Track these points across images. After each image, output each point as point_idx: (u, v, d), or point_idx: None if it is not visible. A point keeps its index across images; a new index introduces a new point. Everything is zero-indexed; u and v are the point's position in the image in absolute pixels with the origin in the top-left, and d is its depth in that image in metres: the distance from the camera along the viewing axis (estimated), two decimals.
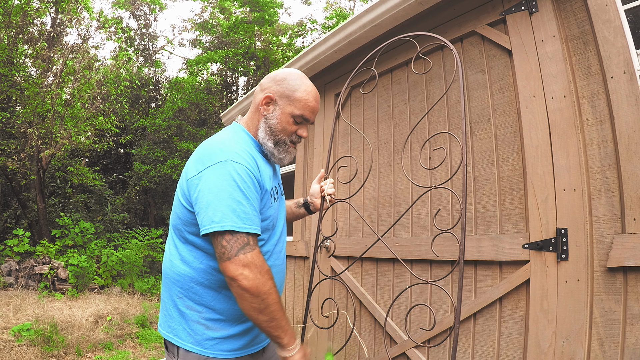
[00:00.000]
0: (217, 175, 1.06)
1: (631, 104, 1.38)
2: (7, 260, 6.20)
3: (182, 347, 1.15)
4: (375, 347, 2.23)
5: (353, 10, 14.26)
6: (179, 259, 1.18)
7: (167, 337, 1.19)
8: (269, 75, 1.30)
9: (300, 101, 1.23)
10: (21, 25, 6.89)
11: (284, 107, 1.23)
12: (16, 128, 7.52)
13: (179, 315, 1.17)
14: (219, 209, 1.03)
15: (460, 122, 1.99)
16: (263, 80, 1.30)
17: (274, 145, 1.25)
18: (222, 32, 12.64)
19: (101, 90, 8.24)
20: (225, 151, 1.10)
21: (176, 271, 1.18)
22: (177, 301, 1.18)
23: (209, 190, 1.05)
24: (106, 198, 9.93)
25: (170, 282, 1.21)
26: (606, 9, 1.48)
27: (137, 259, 7.24)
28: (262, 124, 1.25)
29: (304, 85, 1.25)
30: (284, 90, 1.23)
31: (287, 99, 1.23)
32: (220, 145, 1.13)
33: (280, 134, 1.24)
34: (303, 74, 1.28)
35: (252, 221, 1.06)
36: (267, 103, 1.24)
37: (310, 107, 1.25)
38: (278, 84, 1.25)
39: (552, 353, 1.47)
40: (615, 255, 1.35)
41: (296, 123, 1.25)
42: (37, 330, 3.83)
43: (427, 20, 2.19)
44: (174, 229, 1.22)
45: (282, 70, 1.29)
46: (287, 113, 1.23)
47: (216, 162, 1.08)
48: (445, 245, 1.89)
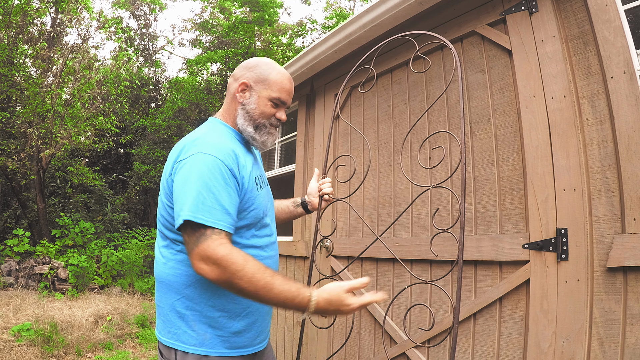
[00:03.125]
0: (186, 168, 1.07)
1: (631, 104, 1.38)
2: (7, 260, 6.20)
3: (183, 349, 1.13)
4: (375, 347, 2.23)
5: (353, 10, 14.26)
6: (170, 262, 1.17)
7: (167, 344, 1.17)
8: (240, 65, 1.33)
9: (276, 83, 1.25)
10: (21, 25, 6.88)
11: (260, 92, 1.25)
12: (16, 128, 7.52)
13: (179, 319, 1.16)
14: (184, 202, 1.03)
15: (460, 122, 1.99)
16: (235, 71, 1.32)
17: (255, 130, 1.26)
18: (222, 32, 12.64)
19: (101, 90, 8.24)
20: (198, 144, 1.11)
21: (169, 274, 1.17)
22: (175, 304, 1.17)
23: (179, 185, 1.07)
24: (106, 198, 9.93)
25: (164, 287, 1.19)
26: (606, 9, 1.48)
27: (137, 259, 7.24)
28: (240, 111, 1.26)
29: (277, 69, 1.27)
30: (258, 75, 1.25)
31: (262, 83, 1.25)
32: (193, 140, 1.14)
33: (260, 118, 1.25)
34: (273, 61, 1.31)
35: (211, 214, 1.03)
36: (243, 90, 1.26)
37: (286, 89, 1.27)
38: (251, 70, 1.27)
39: (552, 353, 1.47)
40: (615, 255, 1.35)
41: (275, 106, 1.27)
42: (37, 330, 3.83)
43: (427, 20, 2.19)
44: (160, 232, 1.22)
45: (252, 59, 1.32)
46: (264, 97, 1.25)
47: (188, 156, 1.09)
48: (445, 245, 1.89)
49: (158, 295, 1.23)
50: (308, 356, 2.70)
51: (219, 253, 1.00)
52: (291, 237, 3.18)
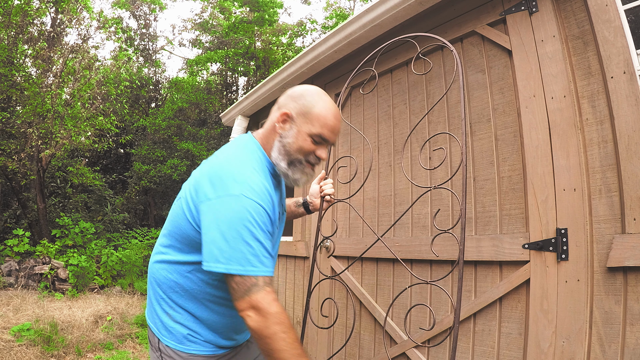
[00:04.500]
0: (228, 210, 1.00)
1: (631, 104, 1.38)
2: (7, 260, 6.20)
3: (164, 342, 1.17)
4: (375, 347, 2.23)
5: (353, 10, 14.26)
6: (170, 264, 1.17)
7: (152, 330, 1.21)
8: (286, 92, 1.23)
9: (319, 119, 1.15)
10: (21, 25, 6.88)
11: (300, 125, 1.15)
12: (16, 128, 7.52)
13: (163, 313, 1.18)
14: (226, 250, 0.99)
15: (460, 122, 1.99)
16: (280, 98, 1.23)
17: (288, 166, 1.17)
18: (222, 32, 12.64)
19: (101, 90, 8.24)
20: (240, 182, 1.03)
21: (161, 275, 1.18)
22: (160, 302, 1.19)
23: (218, 226, 1.00)
24: (106, 198, 9.93)
25: (155, 282, 1.21)
26: (606, 9, 1.48)
27: (137, 259, 7.24)
28: (277, 143, 1.17)
29: (323, 102, 1.17)
30: (301, 107, 1.16)
31: (304, 117, 1.15)
32: (234, 170, 1.06)
33: (296, 154, 1.16)
34: (322, 91, 1.21)
35: (261, 262, 1.02)
36: (284, 121, 1.17)
37: (330, 125, 1.16)
38: (295, 100, 1.18)
39: (552, 353, 1.47)
40: (615, 255, 1.35)
41: (315, 143, 1.17)
42: (37, 330, 3.83)
43: (427, 20, 2.19)
44: (171, 235, 1.18)
45: (300, 86, 1.22)
46: (304, 131, 1.15)
47: (229, 195, 1.01)
48: (445, 245, 1.89)
49: (149, 285, 1.25)
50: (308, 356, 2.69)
51: (272, 309, 1.00)
52: (291, 237, 3.18)
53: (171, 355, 1.15)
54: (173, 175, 10.21)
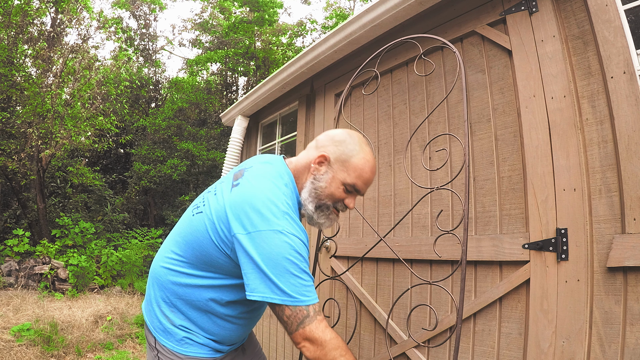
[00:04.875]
0: (273, 245, 1.02)
1: (631, 104, 1.38)
2: (7, 260, 6.19)
3: (160, 342, 1.17)
4: (375, 347, 2.23)
5: (353, 10, 14.27)
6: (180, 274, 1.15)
7: (149, 328, 1.21)
8: (329, 132, 1.22)
9: (356, 170, 1.14)
10: (21, 25, 6.88)
11: (336, 172, 1.15)
12: (16, 128, 7.52)
13: (161, 315, 1.18)
14: (276, 282, 1.02)
15: (460, 122, 1.99)
16: (320, 137, 1.22)
17: (315, 210, 1.17)
18: (222, 32, 12.64)
19: (101, 90, 8.24)
20: (280, 217, 1.04)
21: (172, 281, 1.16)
22: (161, 305, 1.18)
23: (264, 260, 1.01)
24: (106, 198, 9.93)
25: (159, 285, 1.19)
26: (606, 9, 1.48)
27: (137, 259, 7.24)
28: (309, 184, 1.17)
29: (363, 153, 1.16)
30: (341, 153, 1.15)
31: (341, 164, 1.15)
32: (273, 204, 1.05)
33: (326, 199, 1.16)
34: (364, 140, 1.20)
35: (309, 292, 1.06)
36: (320, 162, 1.16)
37: (365, 178, 1.16)
38: (336, 145, 1.17)
39: (552, 353, 1.47)
40: (615, 255, 1.35)
41: (346, 191, 1.17)
42: (37, 330, 3.83)
43: (427, 20, 2.19)
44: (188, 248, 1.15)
45: (343, 131, 1.21)
46: (338, 179, 1.15)
47: (272, 230, 1.02)
48: (445, 246, 1.89)
49: (150, 285, 1.23)
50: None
51: (327, 337, 1.04)
52: None
53: (168, 356, 1.15)
54: (173, 175, 10.21)
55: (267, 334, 3.28)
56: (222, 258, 1.09)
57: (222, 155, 10.18)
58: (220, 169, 10.61)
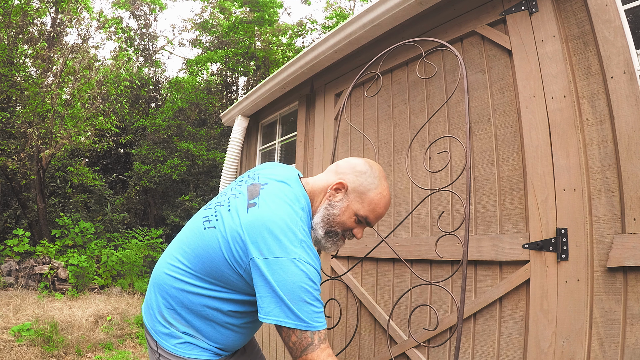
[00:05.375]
0: (289, 273, 1.04)
1: (631, 104, 1.38)
2: (7, 260, 6.19)
3: (161, 345, 1.16)
4: (375, 347, 2.23)
5: (353, 10, 14.27)
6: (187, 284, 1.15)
7: (150, 332, 1.20)
8: (351, 161, 1.24)
9: (371, 204, 1.17)
10: (21, 25, 6.89)
11: (351, 202, 1.17)
12: (16, 128, 7.53)
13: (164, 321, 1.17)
14: (292, 308, 1.04)
15: (460, 122, 1.99)
16: (342, 162, 1.24)
17: (324, 235, 1.19)
18: (222, 32, 12.64)
19: (101, 90, 8.24)
20: (296, 245, 1.05)
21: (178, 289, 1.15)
22: (163, 311, 1.17)
23: (280, 286, 1.03)
24: (106, 198, 9.93)
25: (163, 292, 1.18)
26: (606, 9, 1.48)
27: (137, 259, 7.24)
28: (323, 209, 1.18)
29: (381, 188, 1.19)
30: (359, 185, 1.17)
31: (358, 195, 1.17)
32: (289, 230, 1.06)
33: (337, 226, 1.18)
34: (384, 174, 1.22)
35: (320, 318, 1.08)
36: (338, 189, 1.18)
37: (378, 212, 1.19)
38: (356, 175, 1.19)
39: (552, 353, 1.47)
40: (615, 255, 1.35)
41: (357, 222, 1.19)
42: (37, 330, 3.83)
43: (427, 20, 2.19)
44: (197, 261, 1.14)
45: (365, 161, 1.22)
46: (352, 209, 1.17)
47: (288, 258, 1.04)
48: (445, 246, 1.89)
49: (153, 290, 1.22)
50: None
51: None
52: None
53: (170, 359, 1.15)
54: (173, 175, 10.21)
55: (267, 334, 3.28)
56: (234, 276, 1.10)
57: (222, 155, 10.18)
58: (220, 169, 10.61)
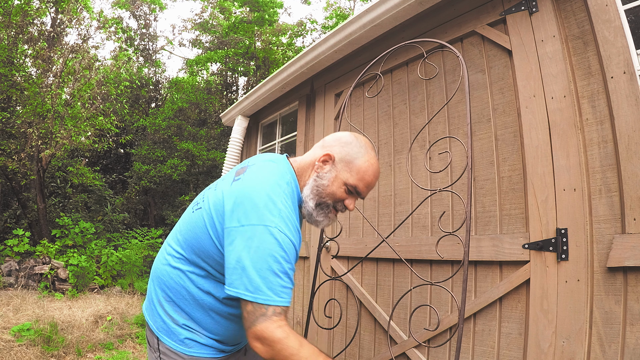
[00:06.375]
0: (261, 240, 1.00)
1: (631, 104, 1.38)
2: (7, 260, 6.19)
3: (163, 341, 1.16)
4: (375, 347, 2.23)
5: (353, 10, 14.26)
6: (181, 271, 1.16)
7: (152, 328, 1.20)
8: (336, 134, 1.24)
9: (360, 171, 1.15)
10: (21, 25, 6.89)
11: (340, 171, 1.16)
12: (16, 128, 7.52)
13: (164, 314, 1.18)
14: (252, 278, 1.00)
15: (460, 122, 1.99)
16: (327, 137, 1.24)
17: (315, 207, 1.17)
18: (222, 32, 12.64)
19: (101, 90, 8.24)
20: (275, 214, 1.03)
21: (173, 278, 1.17)
22: (164, 304, 1.18)
23: (248, 254, 1.00)
24: (106, 198, 9.93)
25: (159, 284, 1.20)
26: (606, 9, 1.48)
27: (137, 259, 7.24)
28: (312, 181, 1.17)
29: (368, 156, 1.17)
30: (346, 154, 1.16)
31: (345, 164, 1.16)
32: (271, 200, 1.04)
33: (327, 197, 1.16)
34: (370, 145, 1.21)
35: (284, 293, 1.02)
36: (325, 161, 1.17)
37: (367, 180, 1.17)
38: (342, 145, 1.18)
39: (552, 353, 1.47)
40: (615, 255, 1.35)
41: (348, 192, 1.17)
42: (37, 330, 3.83)
43: (427, 20, 2.19)
44: (187, 246, 1.16)
45: (350, 134, 1.22)
46: (341, 179, 1.15)
47: (262, 225, 1.01)
48: (445, 246, 1.89)
49: (152, 284, 1.23)
50: None
51: (276, 336, 0.99)
52: None
53: (171, 357, 1.15)
54: (173, 175, 10.21)
55: None
56: (219, 255, 1.09)
57: (222, 155, 10.18)
58: (220, 169, 10.61)
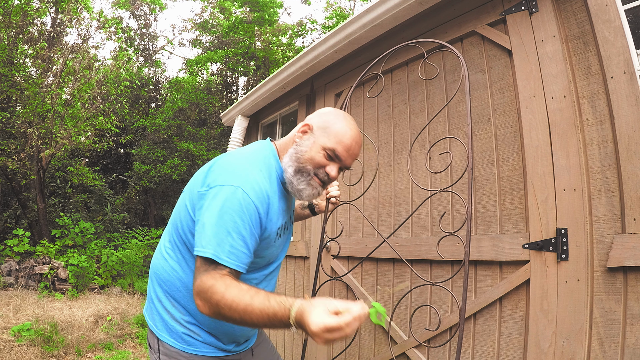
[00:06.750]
0: (221, 199, 1.01)
1: (631, 104, 1.38)
2: (7, 260, 6.19)
3: (164, 340, 1.17)
4: (375, 347, 2.23)
5: (353, 10, 14.26)
6: (173, 260, 1.18)
7: (151, 328, 1.21)
8: (317, 110, 1.26)
9: (337, 135, 1.14)
10: (21, 25, 6.88)
11: (317, 137, 1.16)
12: (16, 128, 7.52)
13: (162, 310, 1.19)
14: (207, 234, 0.99)
15: (460, 122, 1.99)
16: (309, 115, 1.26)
17: (294, 173, 1.15)
18: (222, 32, 12.64)
19: (101, 90, 8.24)
20: (240, 175, 1.04)
21: (167, 271, 1.18)
22: (161, 299, 1.19)
23: (210, 213, 1.01)
24: (106, 198, 9.93)
25: (156, 279, 1.21)
26: (606, 9, 1.48)
27: (137, 259, 7.24)
28: (291, 150, 1.17)
29: (346, 122, 1.17)
30: (324, 122, 1.18)
31: (323, 130, 1.16)
32: (238, 165, 1.07)
33: (306, 163, 1.14)
34: (350, 117, 1.22)
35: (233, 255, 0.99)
36: (304, 132, 1.18)
37: (345, 143, 1.14)
38: (320, 116, 1.20)
39: (552, 353, 1.47)
40: (615, 255, 1.35)
41: (328, 158, 1.15)
42: (37, 330, 3.83)
43: (427, 20, 2.19)
44: (174, 230, 1.19)
45: (331, 108, 1.25)
46: (319, 143, 1.15)
47: (226, 185, 1.02)
48: (445, 246, 1.89)
49: (150, 282, 1.25)
50: (308, 356, 2.69)
51: (206, 285, 0.96)
52: (291, 237, 3.18)
53: (172, 355, 1.15)
54: (173, 175, 10.21)
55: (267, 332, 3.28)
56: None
57: None
58: None
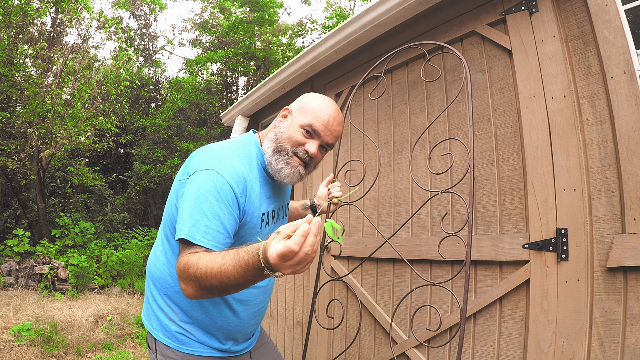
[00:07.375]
0: (198, 182, 1.03)
1: (631, 104, 1.38)
2: (7, 260, 6.19)
3: (161, 340, 1.17)
4: (375, 347, 2.23)
5: (353, 10, 14.26)
6: (165, 257, 1.19)
7: (149, 330, 1.23)
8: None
9: (313, 112, 1.16)
10: (21, 25, 6.89)
11: (295, 117, 1.17)
12: (16, 128, 7.52)
13: (157, 310, 1.20)
14: (186, 218, 1.00)
15: (460, 122, 1.99)
16: None
17: (273, 153, 1.15)
18: (222, 32, 12.64)
19: (101, 90, 8.24)
20: (216, 159, 1.07)
21: (160, 268, 1.19)
22: (156, 298, 1.20)
23: (187, 197, 1.03)
24: (106, 198, 9.93)
25: (150, 278, 1.23)
26: (606, 9, 1.48)
27: (137, 259, 7.24)
28: (270, 133, 1.20)
29: (324, 100, 1.19)
30: (301, 103, 1.20)
31: (300, 110, 1.18)
32: (216, 152, 1.11)
33: (284, 142, 1.15)
34: (331, 99, 1.23)
35: (206, 234, 0.99)
36: (284, 116, 1.21)
37: (322, 119, 1.14)
38: (299, 99, 1.23)
39: (552, 353, 1.47)
40: (615, 255, 1.35)
41: (307, 134, 1.15)
42: (37, 330, 3.83)
43: (427, 20, 2.19)
44: (165, 225, 1.20)
45: (312, 93, 1.27)
46: (297, 122, 1.16)
47: (203, 169, 1.05)
48: (445, 246, 1.89)
49: (146, 282, 1.27)
50: (308, 356, 2.69)
51: (181, 264, 0.95)
52: None
53: (168, 355, 1.15)
54: (173, 175, 10.21)
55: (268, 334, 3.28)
56: None
57: None
58: None
